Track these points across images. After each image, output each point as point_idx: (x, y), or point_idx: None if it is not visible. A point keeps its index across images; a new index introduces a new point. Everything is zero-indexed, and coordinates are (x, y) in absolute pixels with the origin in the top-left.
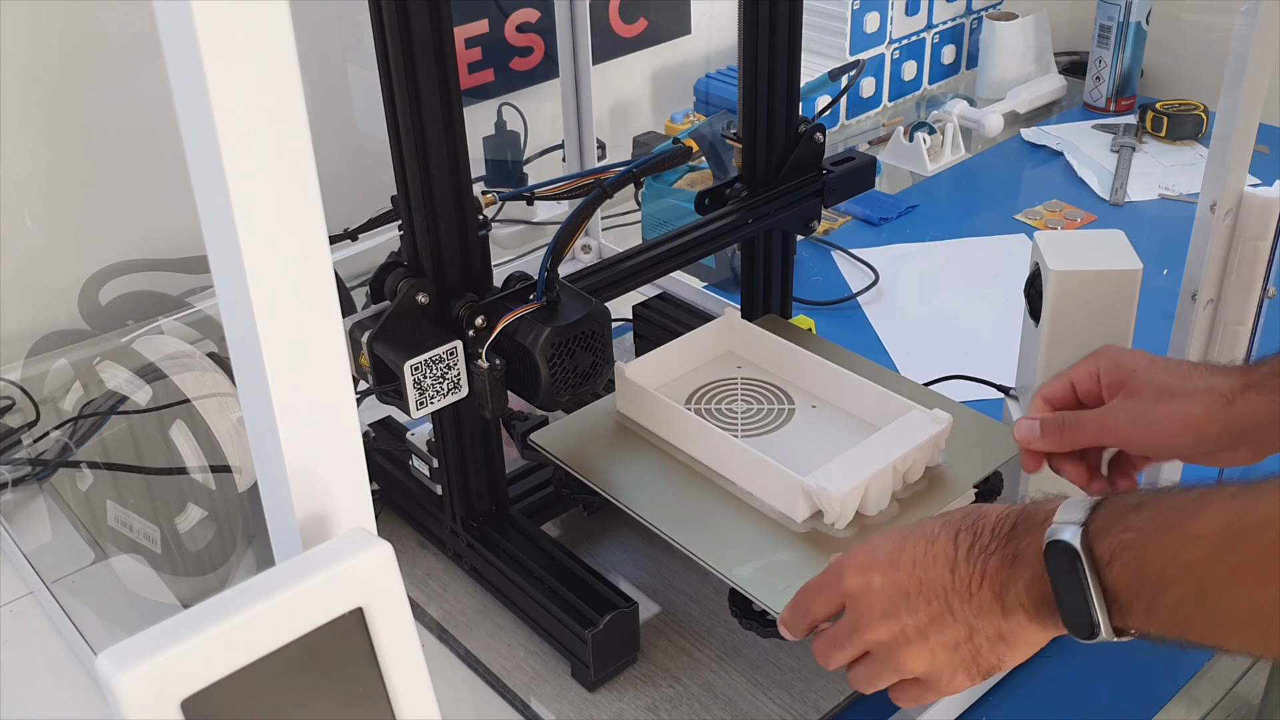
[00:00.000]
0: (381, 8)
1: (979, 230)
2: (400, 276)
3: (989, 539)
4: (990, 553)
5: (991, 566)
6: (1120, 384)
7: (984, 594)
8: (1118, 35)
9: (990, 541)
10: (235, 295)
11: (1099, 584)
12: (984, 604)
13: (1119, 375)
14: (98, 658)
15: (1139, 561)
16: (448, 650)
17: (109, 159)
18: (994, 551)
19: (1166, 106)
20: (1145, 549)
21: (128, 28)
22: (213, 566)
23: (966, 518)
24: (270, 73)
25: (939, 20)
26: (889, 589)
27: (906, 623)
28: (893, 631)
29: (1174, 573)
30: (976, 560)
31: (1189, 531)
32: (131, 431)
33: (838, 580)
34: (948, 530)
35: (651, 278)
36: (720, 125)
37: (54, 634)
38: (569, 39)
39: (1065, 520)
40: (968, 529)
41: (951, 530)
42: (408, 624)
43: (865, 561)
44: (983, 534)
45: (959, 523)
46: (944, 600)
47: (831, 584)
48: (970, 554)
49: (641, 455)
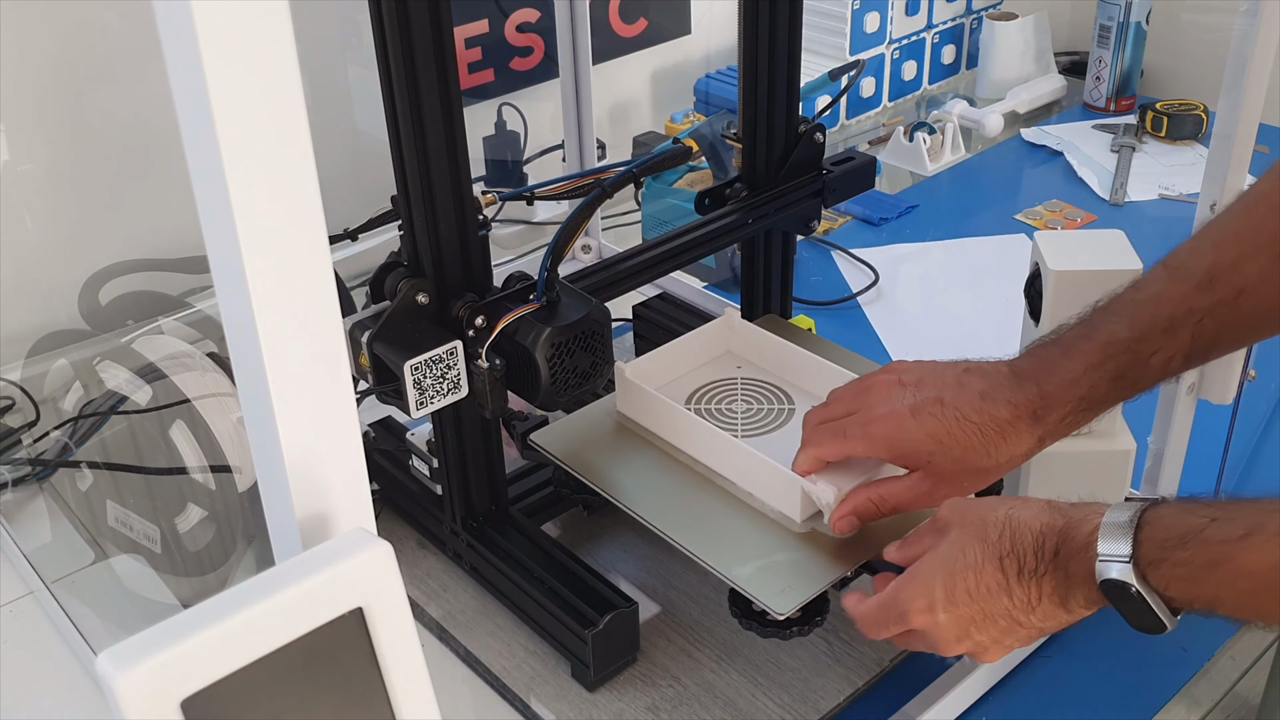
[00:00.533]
0: (381, 8)
1: (979, 230)
2: (400, 276)
3: (1034, 561)
4: (1041, 575)
5: (1047, 587)
6: (915, 467)
7: (1045, 606)
8: (1118, 35)
9: (1037, 565)
10: (235, 295)
11: (1160, 601)
12: (1048, 612)
13: (913, 462)
14: (98, 658)
15: (1194, 591)
16: (448, 650)
17: (108, 159)
18: (1045, 574)
19: (1166, 106)
20: (1197, 582)
21: (128, 27)
22: (213, 566)
23: (1003, 540)
24: (270, 73)
25: (939, 20)
26: (955, 621)
27: (979, 639)
28: (967, 648)
29: (1229, 599)
30: (1029, 582)
31: (1238, 569)
32: (131, 431)
33: (901, 620)
34: (990, 558)
35: (651, 278)
36: (720, 125)
37: (54, 634)
38: (569, 39)
39: (1111, 555)
40: (1009, 554)
41: (995, 557)
42: (408, 624)
43: (925, 603)
44: (1026, 558)
45: (998, 547)
46: (1009, 618)
47: (895, 622)
48: (1021, 578)
49: (641, 455)
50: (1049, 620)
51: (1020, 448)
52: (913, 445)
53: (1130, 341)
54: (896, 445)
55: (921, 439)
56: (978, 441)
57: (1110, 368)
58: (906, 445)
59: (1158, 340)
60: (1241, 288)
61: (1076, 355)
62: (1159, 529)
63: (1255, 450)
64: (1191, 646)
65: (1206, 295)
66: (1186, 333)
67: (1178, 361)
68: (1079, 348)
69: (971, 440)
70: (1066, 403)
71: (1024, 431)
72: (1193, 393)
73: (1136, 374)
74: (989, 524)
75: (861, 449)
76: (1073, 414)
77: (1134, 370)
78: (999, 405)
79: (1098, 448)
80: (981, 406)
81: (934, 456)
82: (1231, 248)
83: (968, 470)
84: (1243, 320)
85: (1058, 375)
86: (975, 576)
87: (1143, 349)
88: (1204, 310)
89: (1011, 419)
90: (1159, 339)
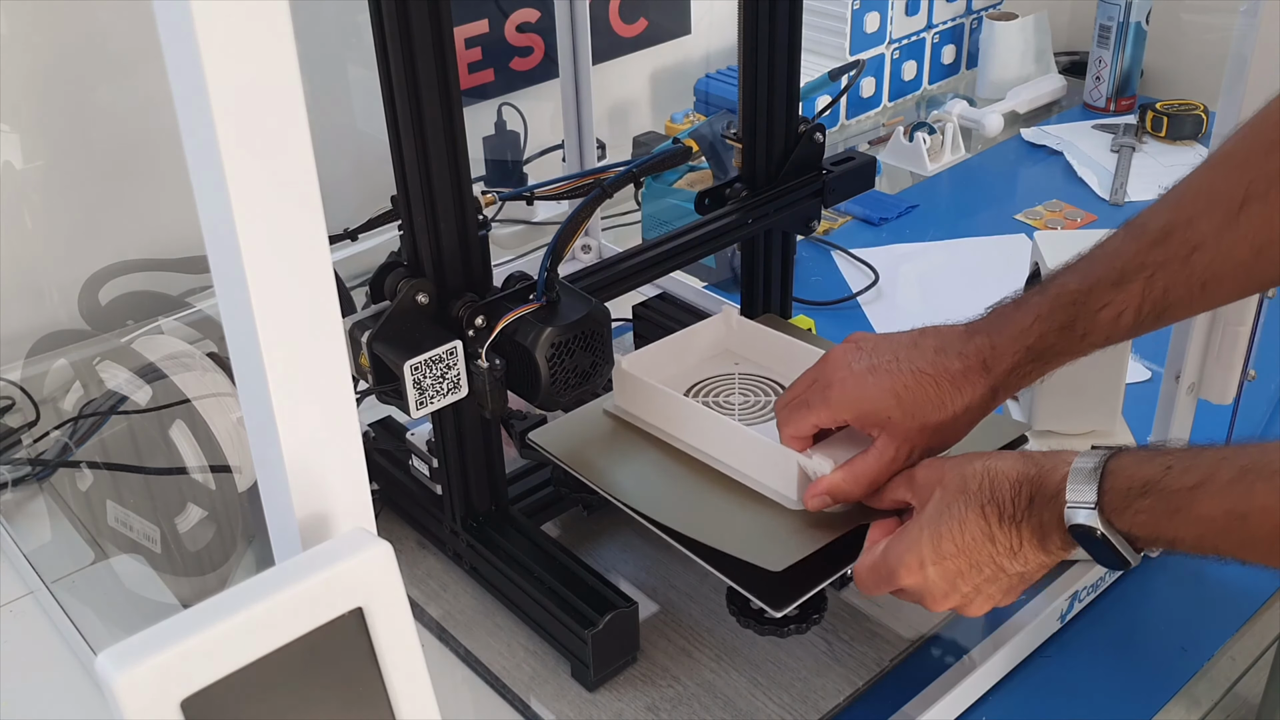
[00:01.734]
0: (381, 8)
1: (979, 230)
2: (400, 276)
3: (1012, 508)
4: (1019, 520)
5: (1026, 532)
6: (879, 428)
7: (1026, 550)
8: (1118, 35)
9: (1015, 511)
10: (235, 295)
11: (1125, 543)
12: (1029, 555)
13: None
14: (98, 658)
15: (1156, 532)
16: (448, 650)
17: (109, 159)
18: (1022, 519)
19: (1166, 106)
20: (1158, 526)
21: (128, 27)
22: (213, 566)
23: (983, 490)
24: (270, 73)
25: (939, 20)
26: (943, 575)
27: (965, 590)
28: (954, 601)
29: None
30: (1010, 527)
31: (1195, 515)
32: (131, 431)
33: (892, 578)
34: (973, 509)
35: (651, 278)
36: (720, 125)
37: (54, 634)
38: (569, 39)
39: (1078, 502)
40: (990, 503)
41: (977, 507)
42: (408, 624)
43: (915, 560)
44: (1005, 505)
45: (979, 497)
46: (993, 565)
47: (886, 580)
48: (1002, 524)
49: (640, 454)
50: (1030, 563)
51: (974, 397)
52: (871, 404)
53: (1079, 293)
54: (856, 405)
55: (879, 395)
56: (932, 393)
57: (1059, 318)
58: (866, 404)
59: (1107, 293)
60: (1195, 244)
61: (1026, 307)
62: (1121, 478)
63: None
64: (1191, 646)
65: (1159, 250)
66: (1136, 286)
67: (1128, 316)
68: (1030, 300)
69: (927, 392)
70: (1015, 353)
71: (976, 381)
72: (1193, 393)
73: (1085, 325)
74: (968, 476)
75: (825, 415)
76: (1022, 364)
77: (1082, 322)
78: (951, 358)
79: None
80: (935, 360)
81: (892, 413)
82: (1189, 206)
83: (927, 426)
84: (1194, 279)
85: (1008, 327)
86: (960, 528)
87: (1092, 301)
88: (1155, 265)
89: (963, 369)
90: (1108, 292)
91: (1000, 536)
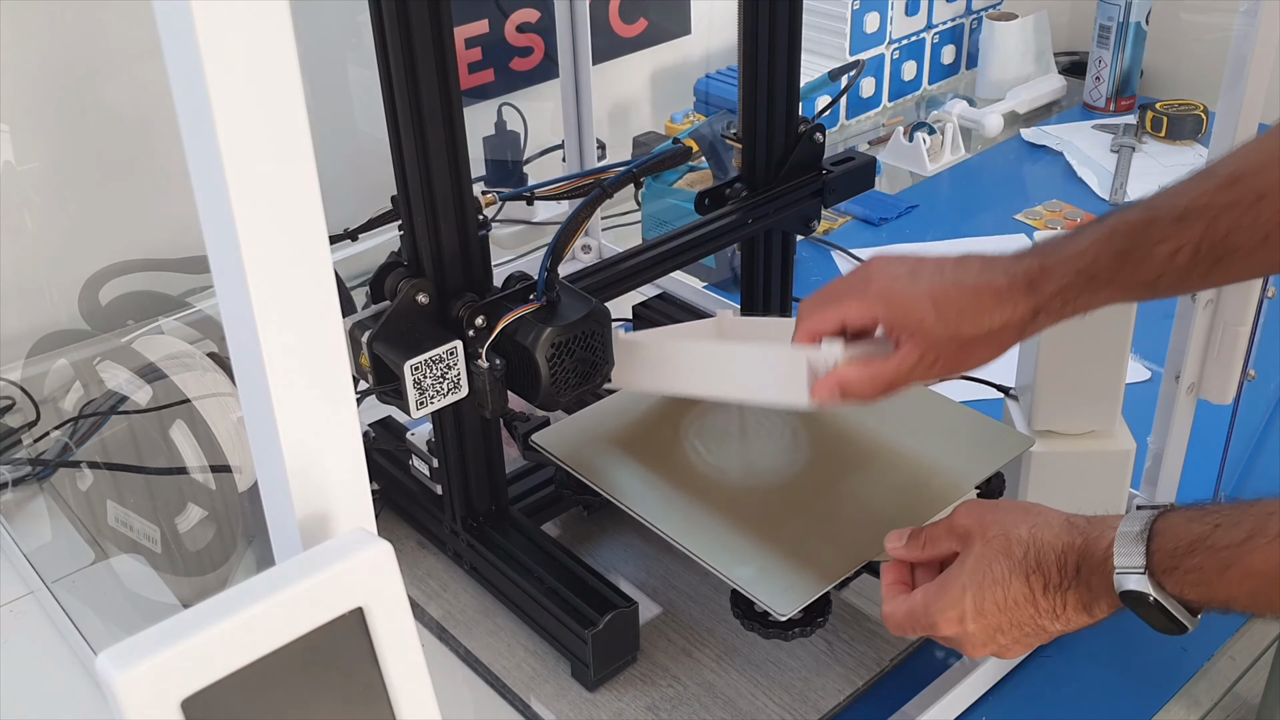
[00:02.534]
0: (381, 8)
1: (979, 230)
2: (400, 276)
3: (1058, 577)
4: (1065, 589)
5: (1071, 599)
6: (909, 332)
7: (1070, 613)
8: (1118, 35)
9: (1060, 580)
10: (235, 295)
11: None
12: (1072, 617)
13: (906, 323)
14: (98, 658)
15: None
16: (448, 650)
17: (109, 159)
18: (1069, 588)
19: (1166, 106)
20: (1210, 586)
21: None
22: (213, 566)
23: (1028, 558)
24: (270, 73)
25: (939, 20)
26: (983, 629)
27: (1003, 643)
28: (991, 650)
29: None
30: (1054, 594)
31: (1246, 570)
32: (131, 431)
33: (931, 629)
34: (1017, 574)
35: (651, 278)
36: (720, 125)
37: (54, 634)
38: (569, 39)
39: (1127, 567)
40: (1035, 571)
41: (1021, 574)
42: (408, 624)
43: (955, 615)
44: (1051, 573)
45: (1024, 565)
46: (1034, 624)
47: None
48: (1047, 591)
49: (642, 455)
50: (1072, 624)
51: (1014, 315)
52: (909, 304)
53: (1140, 224)
54: (893, 301)
55: (917, 297)
56: (972, 305)
57: (1115, 245)
58: (903, 302)
59: (1168, 228)
60: (1263, 192)
61: (1083, 234)
62: (1169, 538)
63: (1255, 450)
64: (1191, 646)
65: (1226, 193)
66: (1199, 225)
67: (1184, 255)
68: (1085, 229)
69: (966, 303)
70: (1065, 275)
71: (1019, 299)
72: (1193, 393)
73: (1140, 256)
74: (1013, 540)
75: (856, 309)
76: (1071, 287)
77: (1138, 252)
78: (996, 274)
79: (1098, 448)
80: (979, 274)
81: (927, 317)
82: (1261, 154)
83: (959, 338)
84: (1259, 228)
85: (1061, 250)
86: (1003, 590)
87: (1151, 233)
88: (1220, 207)
89: (1008, 285)
90: (1169, 227)
91: (1044, 603)
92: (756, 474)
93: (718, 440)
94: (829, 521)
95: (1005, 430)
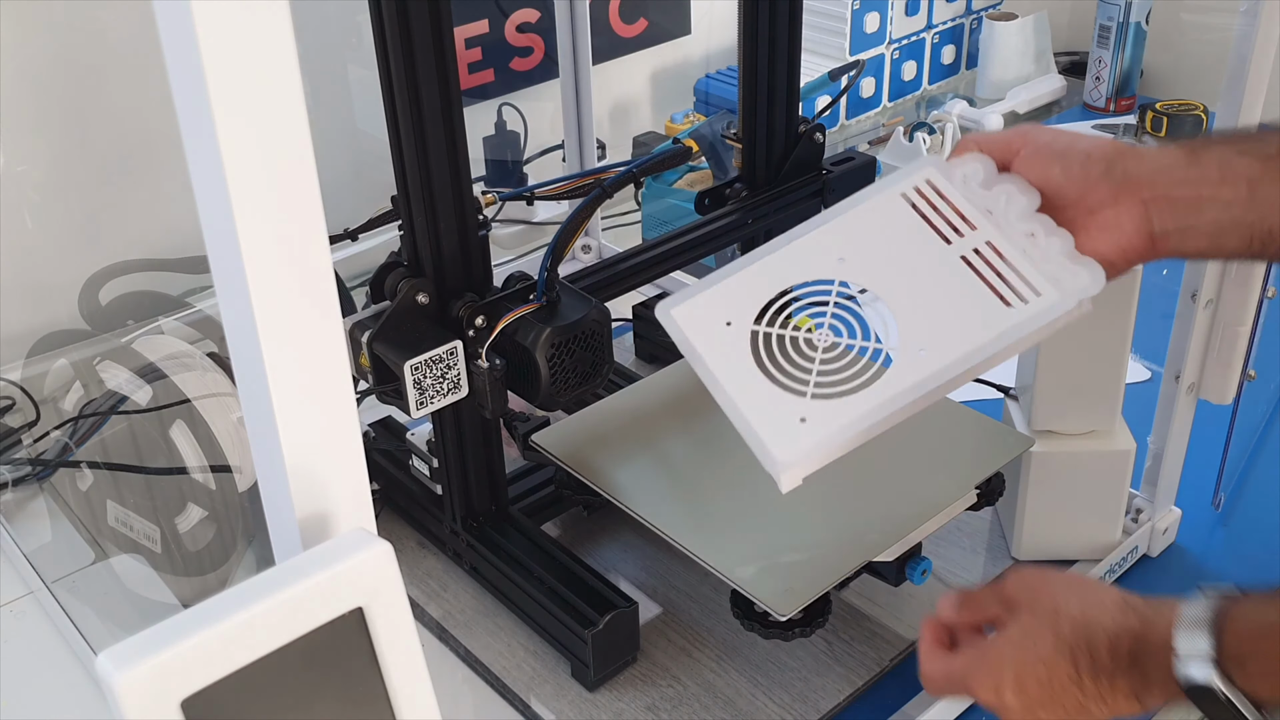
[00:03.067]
0: (381, 8)
1: None
2: (400, 276)
3: (1109, 661)
4: (1115, 675)
5: (1121, 685)
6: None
7: (1118, 700)
8: (1118, 35)
9: (1111, 664)
10: (235, 295)
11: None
12: (1120, 703)
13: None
14: (98, 658)
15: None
16: (448, 650)
17: (109, 159)
18: (1120, 674)
19: (1166, 106)
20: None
21: (127, 27)
22: (213, 566)
23: (1077, 637)
24: (270, 73)
25: (939, 20)
26: (1022, 704)
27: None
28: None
29: None
30: (1103, 677)
31: None
32: (131, 431)
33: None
34: (1062, 653)
35: (651, 278)
36: (720, 125)
37: (54, 634)
38: (569, 39)
39: (1191, 653)
40: (1083, 651)
41: (1066, 653)
42: (408, 624)
43: (993, 685)
44: (1100, 656)
45: (1070, 643)
46: (1077, 704)
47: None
48: (1095, 673)
49: (643, 455)
50: (1121, 711)
51: (1163, 159)
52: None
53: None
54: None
55: (1073, 141)
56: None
57: None
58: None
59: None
60: None
61: None
62: (1242, 625)
63: (1255, 450)
64: None
65: None
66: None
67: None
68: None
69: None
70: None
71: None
72: (1192, 393)
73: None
74: (1061, 617)
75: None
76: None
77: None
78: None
79: (1098, 448)
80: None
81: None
82: None
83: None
84: None
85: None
86: (1046, 669)
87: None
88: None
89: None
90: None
91: (1090, 686)
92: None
93: (717, 440)
94: (829, 521)
95: (1005, 430)
